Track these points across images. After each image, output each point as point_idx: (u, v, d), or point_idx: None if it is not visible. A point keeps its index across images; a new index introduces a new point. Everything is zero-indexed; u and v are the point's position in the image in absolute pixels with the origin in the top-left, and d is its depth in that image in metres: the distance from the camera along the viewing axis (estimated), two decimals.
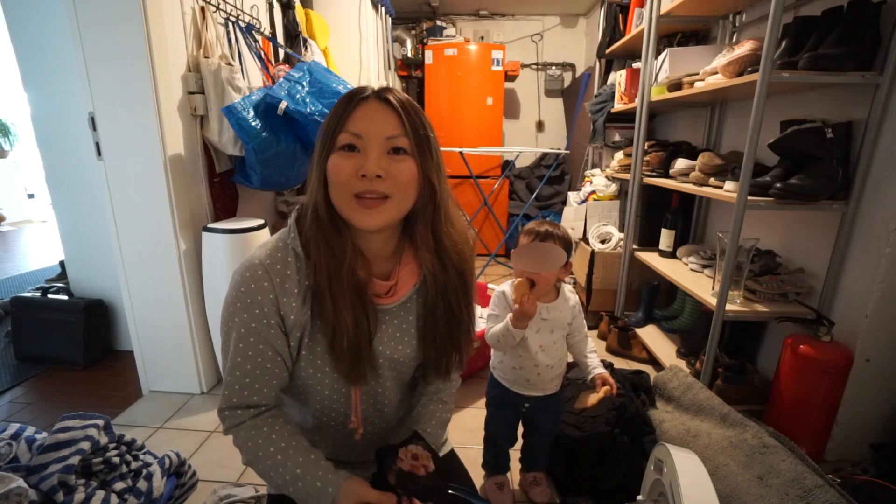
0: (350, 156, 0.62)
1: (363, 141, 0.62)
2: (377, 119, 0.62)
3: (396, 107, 0.62)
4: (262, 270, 0.64)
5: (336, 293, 0.65)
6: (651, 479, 0.95)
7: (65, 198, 2.03)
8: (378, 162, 0.61)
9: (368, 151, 0.61)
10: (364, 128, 0.62)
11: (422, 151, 0.65)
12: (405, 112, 0.63)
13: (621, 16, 2.67)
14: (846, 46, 1.23)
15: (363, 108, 0.62)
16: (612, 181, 2.67)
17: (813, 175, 1.31)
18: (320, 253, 0.65)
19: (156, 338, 1.74)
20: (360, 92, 0.64)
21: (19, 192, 5.40)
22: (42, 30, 1.84)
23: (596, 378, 1.17)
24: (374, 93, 0.64)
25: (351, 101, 0.63)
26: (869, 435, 1.37)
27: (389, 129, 0.62)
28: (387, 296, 0.71)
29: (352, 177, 0.62)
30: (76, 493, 0.98)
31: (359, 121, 0.62)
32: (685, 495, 0.77)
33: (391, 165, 0.62)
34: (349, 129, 0.62)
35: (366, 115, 0.62)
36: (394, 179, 0.63)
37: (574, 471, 1.31)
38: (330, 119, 0.64)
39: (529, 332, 1.10)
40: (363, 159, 0.61)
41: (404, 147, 0.63)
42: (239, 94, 1.65)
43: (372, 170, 0.60)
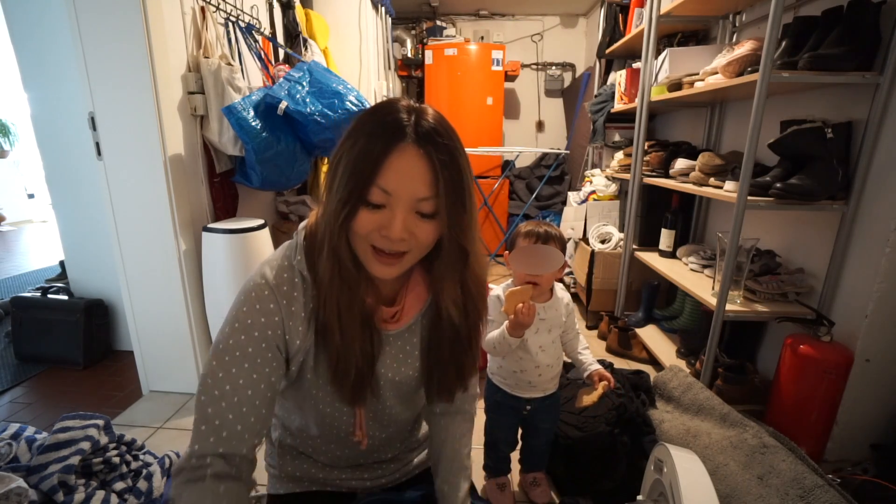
0: (375, 212, 0.57)
1: (391, 199, 0.56)
2: (411, 175, 0.56)
3: (435, 164, 0.55)
4: (269, 291, 0.61)
5: (346, 326, 0.62)
6: (651, 479, 0.95)
7: (65, 198, 2.03)
8: (404, 225, 0.57)
9: (395, 211, 0.56)
10: (395, 185, 0.55)
11: (455, 213, 0.59)
12: (444, 169, 0.56)
13: (621, 16, 2.68)
14: (846, 46, 1.23)
15: (398, 158, 0.55)
16: (612, 181, 2.67)
17: (813, 175, 1.31)
18: (333, 288, 0.61)
19: (156, 338, 1.74)
20: (399, 132, 0.55)
21: (19, 192, 5.41)
22: (42, 30, 1.84)
23: (593, 375, 1.17)
24: (415, 135, 0.55)
25: (387, 144, 0.55)
26: (869, 435, 1.37)
27: (422, 190, 0.56)
28: (392, 321, 0.69)
29: (373, 232, 0.58)
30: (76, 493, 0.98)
31: (392, 175, 0.55)
32: (685, 495, 0.77)
33: (416, 227, 0.58)
34: (381, 184, 0.55)
35: (400, 169, 0.55)
36: (416, 240, 0.59)
37: (574, 471, 1.31)
38: (359, 158, 0.55)
39: (529, 333, 1.10)
40: (388, 217, 0.57)
41: (433, 212, 0.58)
42: (239, 94, 1.65)
43: (397, 235, 0.56)
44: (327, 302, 0.61)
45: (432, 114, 0.58)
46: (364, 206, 0.56)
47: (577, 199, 2.79)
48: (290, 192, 2.38)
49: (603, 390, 1.13)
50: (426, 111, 0.58)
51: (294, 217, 2.32)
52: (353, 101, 1.73)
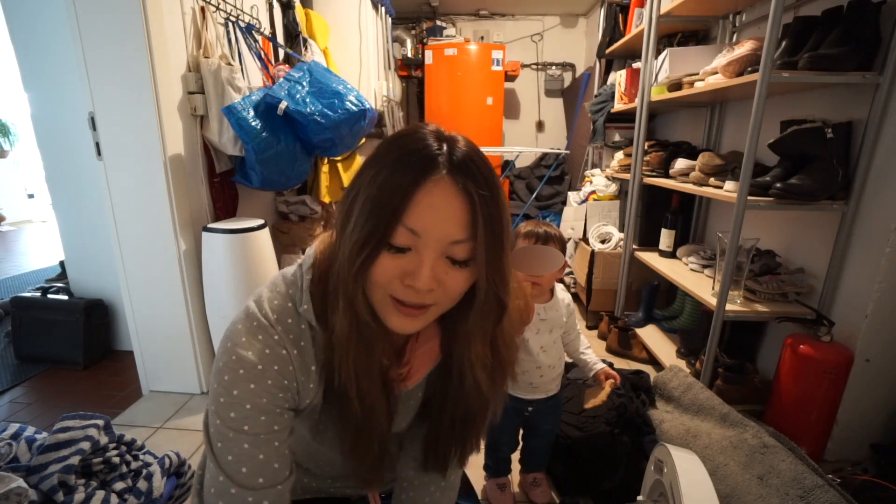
0: (399, 256, 0.47)
1: (419, 241, 0.47)
2: (443, 215, 0.46)
3: (474, 200, 0.46)
4: (279, 336, 0.51)
5: (365, 392, 0.53)
6: (651, 479, 0.95)
7: (65, 198, 2.03)
8: (432, 273, 0.47)
9: (423, 256, 0.47)
10: (426, 225, 0.46)
11: (494, 258, 0.49)
12: (481, 205, 0.46)
13: (621, 16, 2.67)
14: (846, 46, 1.23)
15: (429, 193, 0.46)
16: (612, 181, 2.67)
17: (813, 175, 1.31)
18: (350, 347, 0.51)
19: (156, 338, 1.74)
20: (430, 162, 0.46)
21: (19, 192, 5.40)
22: (42, 30, 1.84)
23: (599, 374, 1.17)
24: (449, 165, 0.46)
25: (417, 175, 0.46)
26: (869, 435, 1.37)
27: (456, 232, 0.47)
28: (401, 380, 0.59)
29: (395, 280, 0.48)
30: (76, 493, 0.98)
31: (422, 213, 0.46)
32: (685, 495, 0.77)
33: (447, 275, 0.48)
34: (408, 223, 0.46)
35: (432, 206, 0.46)
36: (445, 290, 0.49)
37: (574, 471, 1.31)
38: (384, 193, 0.46)
39: (530, 334, 1.10)
40: (414, 263, 0.47)
41: (467, 258, 0.48)
42: (239, 94, 1.65)
43: (424, 284, 0.47)
44: (342, 364, 0.52)
45: (464, 141, 0.49)
46: (386, 249, 0.47)
47: (577, 199, 2.79)
48: (290, 192, 2.38)
49: (611, 388, 1.13)
50: (457, 138, 0.49)
51: (294, 217, 2.32)
52: (353, 101, 1.73)
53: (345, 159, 2.51)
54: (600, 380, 1.16)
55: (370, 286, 0.50)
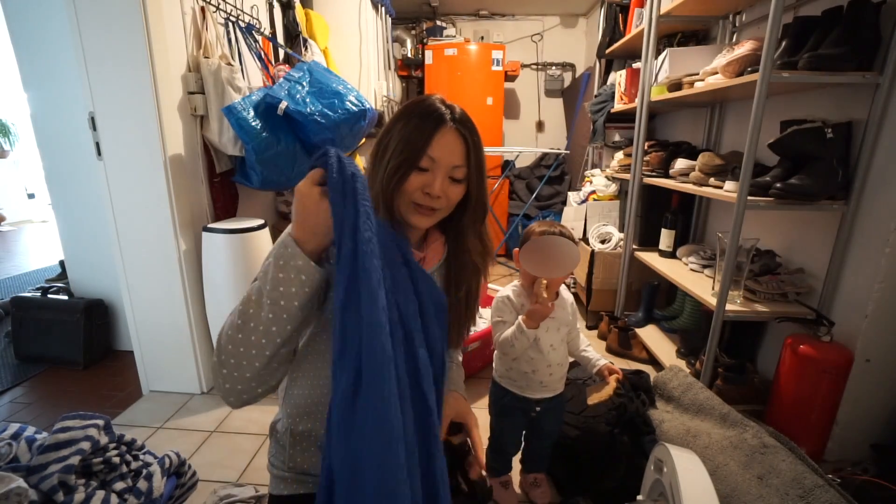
0: (421, 174, 0.73)
1: (435, 164, 0.73)
2: (451, 149, 0.73)
3: (469, 142, 0.74)
4: None
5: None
6: (651, 479, 0.95)
7: (65, 198, 2.03)
8: (442, 185, 0.73)
9: (436, 174, 0.73)
10: (439, 154, 0.72)
11: (478, 179, 0.78)
12: (474, 147, 0.75)
13: (621, 16, 2.67)
14: (846, 46, 1.23)
15: (443, 135, 0.72)
16: (612, 181, 2.67)
17: (813, 175, 1.31)
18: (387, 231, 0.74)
19: (156, 338, 1.74)
20: (442, 117, 0.73)
21: (19, 192, 5.41)
22: (42, 30, 1.84)
23: (602, 370, 1.17)
24: (453, 120, 0.73)
25: (436, 124, 0.72)
26: (869, 435, 1.37)
27: (457, 160, 0.74)
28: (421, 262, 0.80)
29: (418, 191, 0.73)
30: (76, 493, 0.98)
31: (438, 148, 0.72)
32: (685, 495, 0.77)
33: (449, 189, 0.75)
34: (430, 153, 0.72)
35: (443, 143, 0.72)
36: (447, 199, 0.75)
37: (574, 471, 1.31)
38: (413, 133, 0.72)
39: (541, 332, 1.10)
40: (430, 178, 0.73)
41: (463, 178, 0.76)
42: (239, 94, 1.65)
43: (437, 191, 0.73)
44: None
45: (460, 109, 0.77)
46: (415, 170, 0.73)
47: (577, 199, 2.79)
48: (290, 192, 2.38)
49: (616, 383, 1.13)
50: (456, 106, 0.76)
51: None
52: (353, 101, 1.73)
53: None
54: (604, 375, 1.16)
55: (399, 196, 0.74)
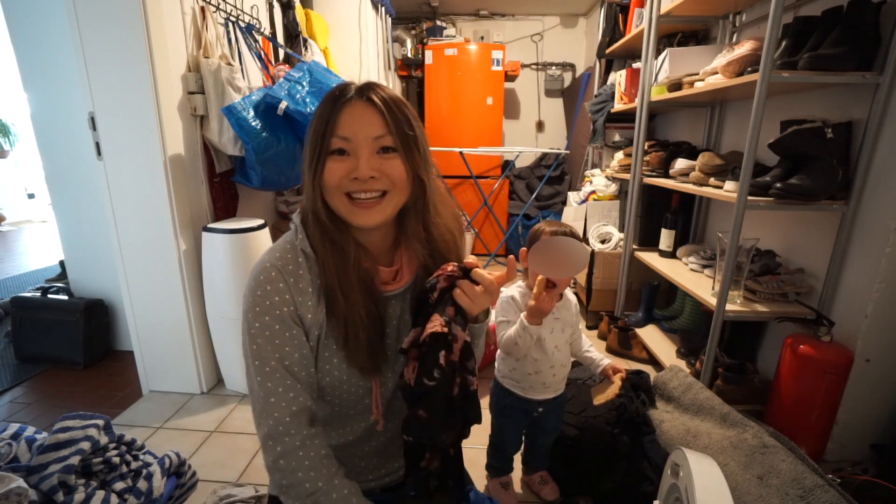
0: (341, 159, 0.64)
1: (352, 143, 0.63)
2: (363, 120, 0.63)
3: (380, 106, 0.63)
4: (276, 272, 0.65)
5: (346, 289, 0.66)
6: (668, 483, 0.95)
7: (65, 198, 2.03)
8: (369, 163, 0.63)
9: (359, 153, 0.63)
10: (351, 130, 0.63)
11: (408, 148, 0.66)
12: (389, 111, 0.64)
13: (621, 16, 2.67)
14: (846, 46, 1.23)
15: (348, 111, 0.63)
16: (612, 181, 2.67)
17: (813, 175, 1.31)
18: (327, 252, 0.66)
19: (156, 338, 1.74)
20: (344, 93, 0.64)
21: (19, 192, 5.41)
22: (42, 30, 1.84)
23: (607, 369, 1.18)
24: (357, 92, 0.64)
25: (336, 104, 0.64)
26: (869, 435, 1.37)
27: (376, 130, 0.63)
28: (393, 282, 0.72)
29: (344, 179, 0.64)
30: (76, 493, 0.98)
31: (346, 124, 0.63)
32: (700, 499, 0.77)
33: (383, 164, 0.64)
34: (338, 132, 0.63)
35: (351, 117, 0.63)
36: (388, 177, 0.65)
37: (574, 471, 1.31)
38: (317, 123, 0.64)
39: (545, 332, 1.10)
40: (354, 161, 0.63)
41: (391, 145, 0.64)
42: (239, 94, 1.65)
43: (364, 172, 0.63)
44: (325, 268, 0.66)
45: (371, 81, 0.66)
46: (329, 156, 0.64)
47: (577, 199, 2.79)
48: (290, 192, 2.38)
49: (621, 382, 1.13)
50: (372, 82, 0.66)
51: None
52: None
53: None
54: (609, 375, 1.17)
55: (330, 195, 0.65)
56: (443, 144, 3.50)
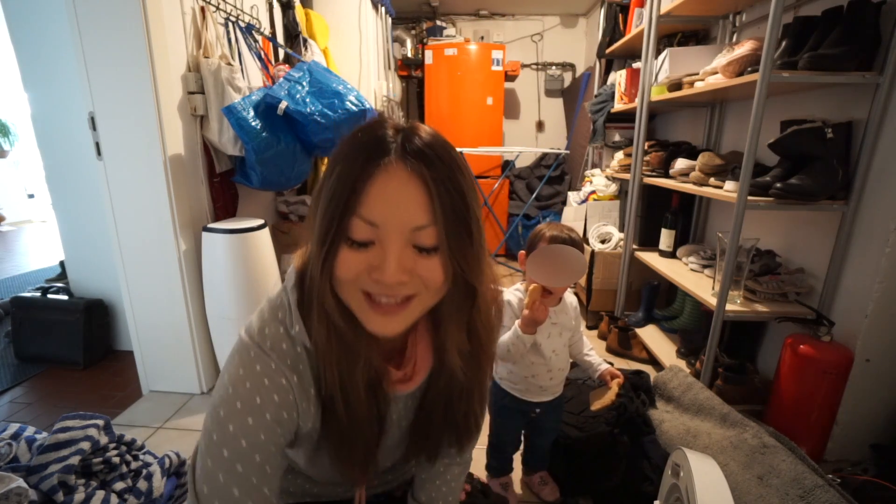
0: (362, 251, 0.46)
1: (380, 231, 0.45)
2: (401, 200, 0.45)
3: (427, 179, 0.45)
4: (276, 363, 0.50)
5: (350, 398, 0.52)
6: (668, 483, 0.95)
7: (65, 198, 2.03)
8: (400, 263, 0.45)
9: (387, 247, 0.45)
10: (383, 215, 0.45)
11: (458, 245, 0.48)
12: (439, 187, 0.45)
13: (621, 16, 2.67)
14: (846, 46, 1.23)
15: (383, 181, 0.45)
16: (612, 181, 2.67)
17: (813, 175, 1.31)
18: (332, 355, 0.51)
19: (156, 338, 1.74)
20: (380, 149, 0.45)
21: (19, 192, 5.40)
22: (42, 30, 1.84)
23: (605, 374, 1.17)
24: (400, 152, 0.45)
25: (366, 165, 0.45)
26: (869, 435, 1.37)
27: (417, 218, 0.45)
28: (402, 382, 0.57)
29: (362, 274, 0.47)
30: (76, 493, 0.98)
31: (376, 203, 0.45)
32: (700, 499, 0.77)
33: (417, 264, 0.47)
34: (364, 214, 0.45)
35: (385, 194, 0.45)
36: (421, 279, 0.48)
37: (574, 471, 1.31)
38: (336, 185, 0.46)
39: (542, 337, 1.09)
40: (379, 255, 0.46)
41: (434, 244, 0.47)
42: (239, 94, 1.65)
43: (391, 277, 0.45)
44: (327, 372, 0.51)
45: (425, 129, 0.48)
46: (346, 243, 0.46)
47: (577, 199, 2.79)
48: (290, 192, 2.38)
49: (618, 388, 1.13)
50: (417, 127, 0.48)
51: (294, 217, 2.32)
52: (353, 101, 1.73)
53: None
54: (606, 380, 1.16)
55: (340, 286, 0.48)
56: None
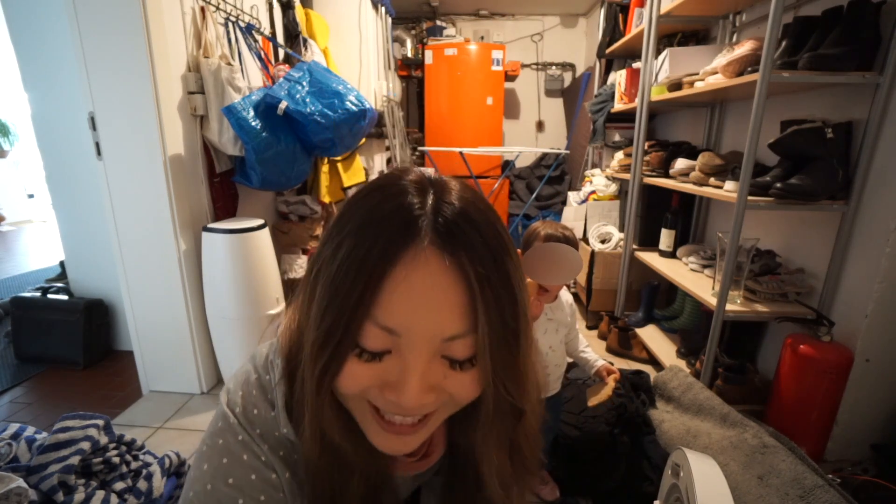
0: (374, 364, 0.35)
1: (401, 341, 0.33)
2: (432, 303, 0.33)
3: (469, 275, 0.32)
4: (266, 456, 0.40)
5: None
6: (668, 483, 0.95)
7: (65, 198, 2.03)
8: (423, 384, 0.34)
9: (408, 360, 0.34)
10: (408, 322, 0.33)
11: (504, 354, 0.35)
12: (482, 283, 0.33)
13: (621, 16, 2.67)
14: (846, 46, 1.23)
15: (409, 276, 0.32)
16: (612, 181, 2.67)
17: (813, 175, 1.31)
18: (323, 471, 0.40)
19: (156, 338, 1.74)
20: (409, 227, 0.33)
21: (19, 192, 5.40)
22: (42, 30, 1.84)
23: (601, 370, 1.18)
24: (432, 231, 0.33)
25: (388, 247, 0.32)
26: (869, 435, 1.37)
27: (451, 326, 0.33)
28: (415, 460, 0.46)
29: (372, 389, 0.36)
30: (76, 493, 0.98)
31: (400, 306, 0.32)
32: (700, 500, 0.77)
33: (446, 380, 0.35)
34: (381, 319, 0.33)
35: (412, 294, 0.32)
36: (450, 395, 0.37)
37: (574, 471, 1.31)
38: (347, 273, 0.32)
39: (539, 334, 1.10)
40: (396, 369, 0.34)
41: (471, 356, 0.35)
42: (239, 94, 1.65)
43: (412, 401, 0.34)
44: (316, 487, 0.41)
45: (457, 191, 0.35)
46: (354, 352, 0.34)
47: (577, 199, 2.79)
48: (290, 192, 2.38)
49: (614, 383, 1.13)
50: (447, 188, 0.35)
51: (294, 217, 2.32)
52: (353, 101, 1.73)
53: (345, 159, 2.51)
54: (602, 376, 1.17)
55: (342, 397, 0.38)
56: (443, 144, 3.49)
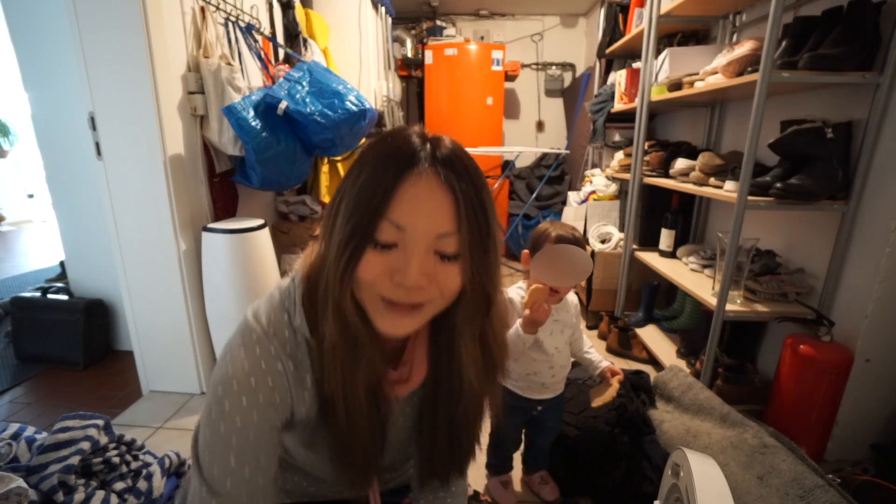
0: (386, 253, 0.47)
1: (405, 236, 0.46)
2: (429, 207, 0.46)
3: (456, 190, 0.47)
4: (276, 349, 0.52)
5: (351, 400, 0.53)
6: (668, 483, 0.95)
7: (65, 198, 2.03)
8: (422, 267, 0.46)
9: (410, 251, 0.46)
10: (411, 219, 0.46)
11: (479, 252, 0.49)
12: (466, 198, 0.47)
13: (621, 16, 2.67)
14: (846, 46, 1.23)
15: (413, 186, 0.46)
16: (612, 181, 2.67)
17: (813, 175, 1.31)
18: (337, 353, 0.51)
19: (156, 338, 1.74)
20: (412, 156, 0.47)
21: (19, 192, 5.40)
22: (42, 29, 1.84)
23: (605, 371, 1.18)
24: (430, 160, 0.47)
25: (400, 171, 0.46)
26: (869, 435, 1.37)
27: (442, 224, 0.47)
28: (399, 384, 0.58)
29: (383, 277, 0.47)
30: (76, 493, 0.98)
31: (405, 206, 0.46)
32: (700, 500, 0.77)
33: (437, 270, 0.48)
34: (392, 217, 0.46)
35: (415, 200, 0.46)
36: (438, 287, 0.49)
37: (574, 471, 1.31)
38: (367, 190, 0.46)
39: (545, 335, 1.10)
40: (401, 259, 0.47)
41: (456, 252, 0.48)
42: (239, 94, 1.65)
43: (413, 280, 0.46)
44: (330, 372, 0.52)
45: (449, 140, 0.50)
46: (371, 245, 0.47)
47: (577, 199, 2.79)
48: (290, 192, 2.38)
49: (619, 384, 1.13)
50: (442, 138, 0.50)
51: (294, 217, 2.32)
52: (353, 101, 1.73)
53: (345, 159, 2.51)
54: (606, 377, 1.17)
55: (359, 288, 0.49)
56: None
